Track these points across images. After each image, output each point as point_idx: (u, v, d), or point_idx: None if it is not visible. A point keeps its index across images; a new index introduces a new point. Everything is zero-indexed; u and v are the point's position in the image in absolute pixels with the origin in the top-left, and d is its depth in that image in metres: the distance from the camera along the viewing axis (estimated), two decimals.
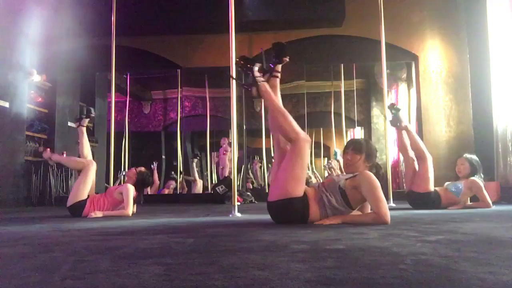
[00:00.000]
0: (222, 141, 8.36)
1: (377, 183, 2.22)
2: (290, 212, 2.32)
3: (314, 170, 8.35)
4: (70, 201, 3.54)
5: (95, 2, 5.86)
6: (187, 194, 7.64)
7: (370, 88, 9.25)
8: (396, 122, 3.99)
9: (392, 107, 4.03)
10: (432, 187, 3.75)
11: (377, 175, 2.33)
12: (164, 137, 9.78)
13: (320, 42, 6.52)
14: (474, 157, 3.89)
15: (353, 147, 2.47)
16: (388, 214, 2.19)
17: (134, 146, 8.14)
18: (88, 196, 3.57)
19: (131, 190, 3.60)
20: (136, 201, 3.77)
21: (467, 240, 1.63)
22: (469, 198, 3.83)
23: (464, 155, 3.92)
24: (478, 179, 3.72)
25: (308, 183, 2.99)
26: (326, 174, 6.88)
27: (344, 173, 2.54)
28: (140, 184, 3.81)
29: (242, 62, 2.55)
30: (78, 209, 3.50)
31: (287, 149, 2.41)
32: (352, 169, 2.44)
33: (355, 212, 2.41)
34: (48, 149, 3.97)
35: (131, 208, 3.54)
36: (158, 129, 9.98)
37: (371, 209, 2.34)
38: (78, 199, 3.51)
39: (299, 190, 2.31)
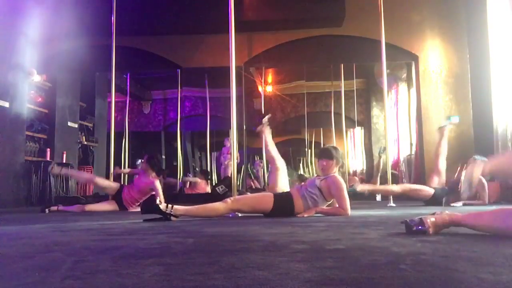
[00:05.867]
0: (225, 141, 8.36)
1: (342, 185, 2.95)
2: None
3: (315, 171, 8.33)
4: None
5: (95, 2, 5.85)
6: (187, 194, 7.62)
7: (370, 88, 9.25)
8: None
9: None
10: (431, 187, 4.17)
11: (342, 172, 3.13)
12: (164, 137, 9.78)
13: (320, 42, 6.52)
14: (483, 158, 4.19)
15: (326, 155, 3.10)
16: (349, 209, 2.95)
17: (134, 146, 8.13)
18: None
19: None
20: None
21: (467, 240, 1.63)
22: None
23: (473, 157, 4.29)
24: (483, 178, 4.03)
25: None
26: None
27: (323, 176, 3.10)
28: None
29: None
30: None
31: None
32: (327, 172, 3.08)
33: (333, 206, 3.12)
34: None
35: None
36: (158, 129, 9.97)
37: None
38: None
39: None
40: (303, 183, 3.20)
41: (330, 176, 3.00)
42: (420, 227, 1.78)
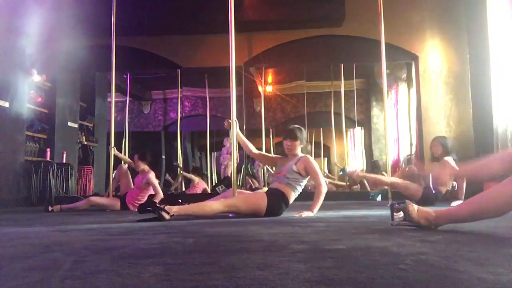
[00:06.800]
0: (225, 141, 8.36)
1: (314, 163, 3.21)
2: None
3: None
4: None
5: (95, 2, 5.85)
6: (187, 194, 7.62)
7: (370, 88, 9.25)
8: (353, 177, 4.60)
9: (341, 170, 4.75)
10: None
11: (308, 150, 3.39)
12: (164, 137, 9.78)
13: (320, 42, 6.51)
14: (446, 139, 4.50)
15: (290, 136, 3.29)
16: (324, 182, 3.19)
17: (134, 146, 8.12)
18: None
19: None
20: None
21: (467, 240, 1.63)
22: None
23: (436, 137, 4.61)
24: (449, 159, 4.23)
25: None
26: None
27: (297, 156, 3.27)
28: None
29: None
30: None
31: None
32: (291, 152, 3.29)
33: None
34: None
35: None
36: (158, 129, 9.97)
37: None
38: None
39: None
40: (273, 173, 3.37)
41: (302, 157, 3.23)
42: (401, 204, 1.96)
